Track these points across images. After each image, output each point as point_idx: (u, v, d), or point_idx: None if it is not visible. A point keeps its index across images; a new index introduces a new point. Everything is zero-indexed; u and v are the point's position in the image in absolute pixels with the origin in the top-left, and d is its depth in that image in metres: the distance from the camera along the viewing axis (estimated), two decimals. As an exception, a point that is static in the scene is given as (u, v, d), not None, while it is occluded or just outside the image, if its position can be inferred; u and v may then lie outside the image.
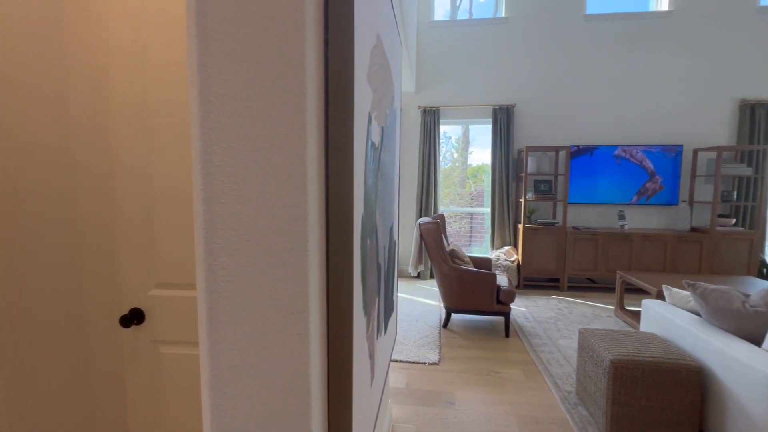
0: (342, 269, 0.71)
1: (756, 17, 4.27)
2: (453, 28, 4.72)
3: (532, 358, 2.64)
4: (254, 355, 0.59)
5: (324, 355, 0.70)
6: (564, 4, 4.52)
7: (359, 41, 0.73)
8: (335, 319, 0.71)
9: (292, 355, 0.61)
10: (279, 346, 0.60)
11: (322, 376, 0.69)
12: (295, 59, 0.57)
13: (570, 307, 3.75)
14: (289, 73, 0.57)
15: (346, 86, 0.68)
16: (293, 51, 0.57)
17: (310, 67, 0.59)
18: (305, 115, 0.58)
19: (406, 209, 4.98)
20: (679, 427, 1.75)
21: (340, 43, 0.67)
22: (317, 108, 0.64)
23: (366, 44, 0.82)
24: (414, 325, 3.24)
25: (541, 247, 4.37)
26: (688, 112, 4.44)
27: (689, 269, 4.17)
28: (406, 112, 4.88)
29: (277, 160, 0.58)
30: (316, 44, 0.62)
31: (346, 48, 0.67)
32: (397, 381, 2.34)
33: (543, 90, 4.64)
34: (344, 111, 0.68)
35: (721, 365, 1.66)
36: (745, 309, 1.74)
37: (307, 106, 0.58)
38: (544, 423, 1.94)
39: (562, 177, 4.57)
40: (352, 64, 0.67)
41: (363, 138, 0.81)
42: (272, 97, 0.57)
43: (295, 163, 0.58)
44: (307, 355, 0.62)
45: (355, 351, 0.76)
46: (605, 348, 1.89)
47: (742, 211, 4.32)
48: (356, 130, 0.73)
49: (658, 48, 4.43)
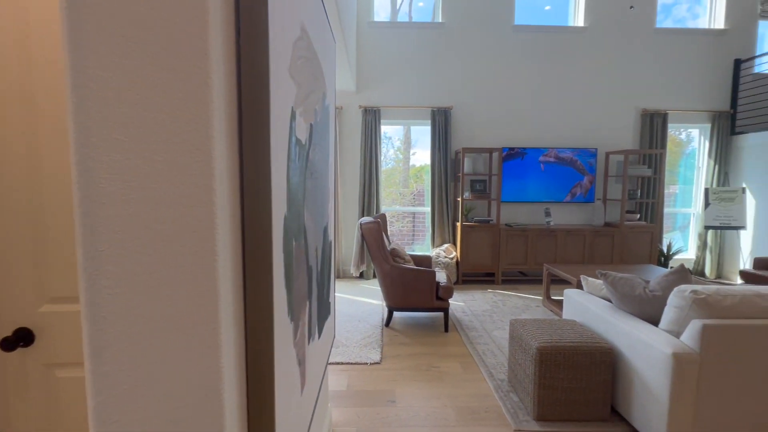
0: (260, 274, 0.66)
1: (654, 37, 4.87)
2: (393, 30, 4.78)
3: (470, 351, 2.76)
4: (150, 375, 0.53)
5: (241, 369, 0.65)
6: (494, 14, 4.79)
7: (276, 31, 0.69)
8: (254, 329, 0.66)
9: (199, 373, 0.55)
10: (183, 363, 0.54)
11: (239, 392, 0.64)
12: (197, 45, 0.51)
13: (504, 300, 3.98)
14: (190, 60, 0.51)
15: (261, 78, 0.63)
16: (194, 35, 0.51)
17: (216, 55, 0.54)
18: (210, 107, 0.53)
19: (349, 209, 4.95)
20: (594, 404, 1.93)
21: (253, 32, 0.62)
22: (227, 100, 0.58)
23: (287, 35, 0.77)
24: (356, 326, 3.22)
25: (477, 244, 4.59)
26: (602, 119, 4.95)
27: (603, 260, 4.65)
28: (347, 112, 4.84)
29: (177, 156, 0.52)
30: (224, 30, 0.57)
31: (259, 37, 0.63)
32: (337, 384, 2.31)
33: (478, 94, 4.88)
34: (259, 104, 0.64)
35: (628, 345, 1.86)
36: (646, 294, 1.96)
37: (211, 97, 0.53)
38: (479, 412, 2.03)
39: (496, 177, 4.84)
40: (266, 54, 0.63)
41: (284, 134, 0.76)
42: (169, 86, 0.51)
43: (198, 159, 0.53)
44: (218, 371, 0.56)
45: (278, 361, 0.72)
46: (532, 337, 2.02)
47: (644, 208, 4.91)
48: (274, 126, 0.68)
49: (576, 60, 4.87)
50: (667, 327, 1.77)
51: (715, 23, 4.97)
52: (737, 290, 1.70)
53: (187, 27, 0.51)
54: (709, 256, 4.99)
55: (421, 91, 4.85)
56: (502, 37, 4.82)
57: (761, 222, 4.63)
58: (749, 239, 4.78)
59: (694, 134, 5.25)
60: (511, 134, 4.93)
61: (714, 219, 4.67)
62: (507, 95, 4.88)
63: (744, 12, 4.89)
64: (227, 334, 0.58)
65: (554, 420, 1.94)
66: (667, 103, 4.95)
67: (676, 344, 1.63)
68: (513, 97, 4.89)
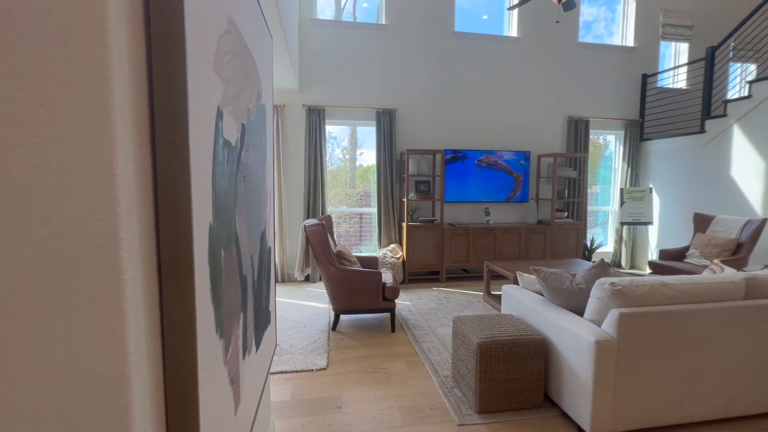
0: (179, 291, 0.59)
1: (577, 50, 5.34)
2: (337, 29, 4.72)
3: (416, 350, 2.80)
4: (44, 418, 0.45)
5: (159, 399, 0.58)
6: (436, 20, 4.93)
7: (196, 22, 0.62)
8: (173, 354, 0.60)
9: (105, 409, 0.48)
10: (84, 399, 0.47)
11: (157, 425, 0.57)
12: (91, 31, 0.45)
13: (448, 297, 4.12)
14: (83, 49, 0.44)
15: (177, 73, 0.57)
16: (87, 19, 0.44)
17: (118, 44, 0.47)
18: (109, 105, 0.46)
19: (293, 211, 4.80)
20: (530, 392, 2.05)
21: (166, 21, 0.56)
22: (134, 97, 0.52)
23: (210, 28, 0.71)
24: (302, 332, 3.13)
25: (422, 243, 4.69)
26: (534, 124, 5.32)
27: (537, 255, 5.00)
28: (290, 111, 4.70)
29: (67, 163, 0.44)
30: (129, 18, 0.50)
31: (174, 27, 0.56)
32: (281, 394, 2.22)
33: (421, 97, 4.99)
34: (176, 103, 0.58)
35: (557, 336, 2.00)
36: (573, 287, 2.13)
37: (112, 94, 0.46)
38: (425, 410, 2.06)
39: (439, 178, 4.99)
40: (183, 47, 0.57)
41: (208, 135, 0.70)
42: (55, 77, 0.44)
43: (96, 165, 0.46)
44: (127, 407, 0.49)
45: (204, 384, 0.66)
46: (473, 332, 2.10)
47: (571, 206, 5.37)
48: (195, 126, 0.62)
49: (511, 68, 5.18)
50: (591, 317, 1.93)
51: (627, 41, 5.57)
52: (647, 281, 1.91)
53: (79, 9, 0.44)
54: (624, 249, 5.58)
55: (366, 92, 4.84)
56: (443, 43, 4.98)
57: (665, 218, 5.28)
58: (656, 233, 5.42)
59: (611, 139, 5.84)
60: (453, 137, 5.11)
61: (628, 216, 5.24)
62: (449, 99, 5.05)
63: (649, 32, 5.54)
64: (139, 363, 0.51)
65: (495, 411, 2.04)
66: (588, 110, 5.45)
67: (598, 332, 1.78)
68: (454, 101, 5.07)
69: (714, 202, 4.56)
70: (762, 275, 2.02)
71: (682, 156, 4.98)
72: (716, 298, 1.91)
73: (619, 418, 1.80)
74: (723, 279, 1.96)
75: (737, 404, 1.93)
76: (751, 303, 1.89)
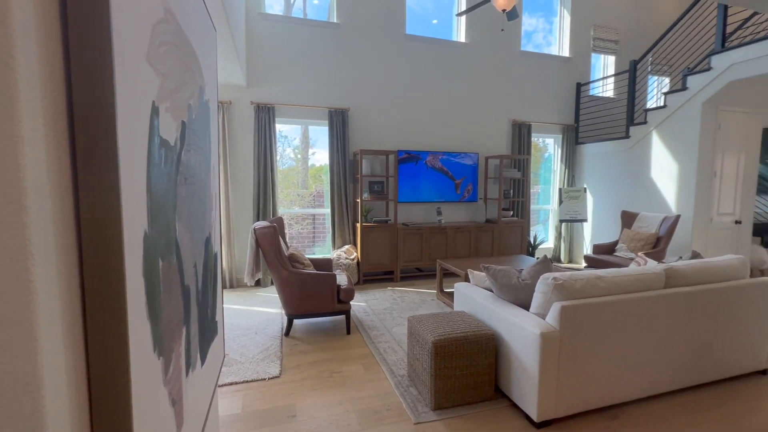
0: (108, 310, 0.53)
1: (519, 58, 5.65)
2: (287, 25, 4.58)
3: (371, 351, 2.80)
4: None
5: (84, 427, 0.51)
6: (387, 21, 4.96)
7: (126, 7, 0.56)
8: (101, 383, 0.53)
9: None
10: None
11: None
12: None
13: (402, 296, 4.16)
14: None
15: (102, 63, 0.51)
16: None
17: (23, 27, 0.40)
18: (13, 96, 0.39)
19: (242, 213, 4.58)
20: (482, 386, 2.13)
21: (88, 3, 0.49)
22: (47, 90, 0.45)
23: (143, 15, 0.64)
24: (253, 339, 2.99)
25: (377, 244, 4.70)
26: (482, 127, 5.55)
27: (486, 252, 5.22)
28: (238, 108, 4.47)
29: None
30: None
31: (97, 10, 0.50)
32: (231, 407, 2.10)
33: (374, 97, 4.99)
34: (100, 97, 0.51)
35: (506, 329, 2.10)
36: (519, 283, 2.24)
37: (15, 83, 0.39)
38: (381, 411, 2.06)
39: (393, 179, 5.03)
40: (108, 33, 0.51)
41: (142, 134, 0.63)
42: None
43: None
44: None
45: (139, 409, 0.59)
46: (428, 331, 2.14)
47: (516, 205, 5.67)
48: (125, 124, 0.56)
49: (460, 72, 5.36)
50: (536, 310, 2.05)
51: (563, 51, 6.00)
52: (584, 275, 2.06)
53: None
54: (563, 245, 6.01)
55: (317, 90, 4.75)
56: (395, 45, 5.02)
57: (597, 215, 5.76)
58: (590, 229, 5.90)
59: (550, 143, 6.26)
60: (406, 137, 5.17)
61: (566, 214, 5.64)
62: (402, 100, 5.11)
63: (582, 44, 6.01)
64: (56, 398, 0.45)
65: (449, 407, 2.08)
66: (530, 115, 5.80)
67: (543, 324, 1.89)
68: (407, 103, 5.14)
69: (638, 201, 5.06)
70: (678, 266, 2.27)
71: (611, 159, 5.47)
72: (642, 288, 2.11)
73: (563, 404, 1.92)
74: (647, 271, 2.17)
75: (661, 382, 2.14)
76: (670, 291, 2.11)
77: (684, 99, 4.40)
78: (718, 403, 2.13)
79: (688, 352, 2.18)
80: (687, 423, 1.96)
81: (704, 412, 2.05)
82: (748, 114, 4.46)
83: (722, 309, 2.24)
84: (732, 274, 2.35)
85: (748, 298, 2.29)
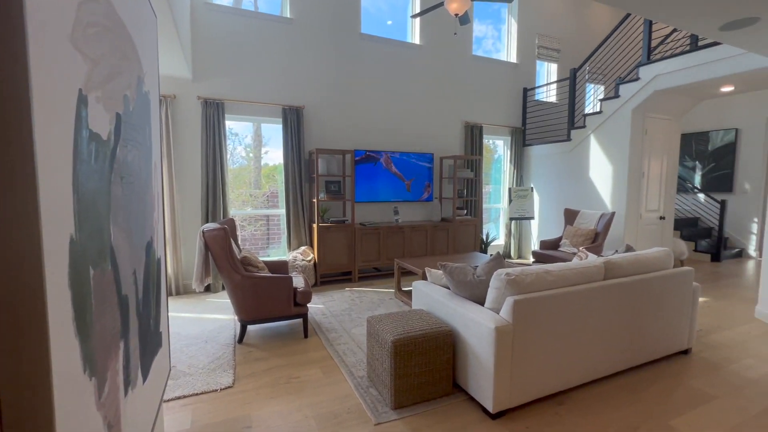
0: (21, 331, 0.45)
1: (471, 62, 5.85)
2: (236, 17, 4.36)
3: (330, 353, 2.74)
4: None
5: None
6: (342, 19, 4.91)
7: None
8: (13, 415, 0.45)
9: None
10: None
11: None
12: None
13: (361, 296, 4.14)
14: None
15: (11, 40, 0.43)
16: None
17: None
18: None
19: (190, 215, 4.31)
20: (440, 382, 2.17)
21: (-8, -30, 0.42)
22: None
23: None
24: (203, 348, 2.82)
25: (334, 244, 4.64)
26: (436, 128, 5.67)
27: (441, 251, 5.34)
28: (183, 102, 4.19)
29: None
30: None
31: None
32: (179, 423, 1.95)
33: (329, 96, 4.92)
34: (9, 81, 0.44)
35: (463, 325, 2.15)
36: (475, 279, 2.31)
37: None
38: (341, 414, 2.03)
39: (350, 178, 4.99)
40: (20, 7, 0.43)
41: (67, 125, 0.56)
42: None
43: None
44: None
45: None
46: (387, 331, 2.13)
47: (469, 204, 5.87)
48: (43, 113, 0.48)
49: (414, 73, 5.44)
50: (491, 305, 2.12)
51: (511, 57, 6.31)
52: (533, 270, 2.16)
53: None
54: (513, 242, 6.31)
55: (271, 87, 4.59)
56: (350, 43, 4.98)
57: (543, 213, 6.12)
58: (536, 226, 6.26)
59: (500, 144, 6.55)
60: (363, 137, 5.15)
61: (515, 212, 5.94)
62: (357, 100, 5.08)
63: (528, 52, 6.36)
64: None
65: (409, 405, 2.10)
66: (481, 117, 6.02)
67: (497, 319, 1.96)
68: (363, 103, 5.12)
69: (580, 199, 5.45)
70: (615, 259, 2.46)
71: (555, 160, 5.83)
72: (585, 281, 2.26)
73: (516, 394, 2.00)
74: (588, 264, 2.33)
75: (601, 366, 2.31)
76: (608, 282, 2.29)
77: (617, 105, 4.80)
78: (651, 381, 2.35)
79: (624, 337, 2.37)
80: (626, 402, 2.13)
81: (641, 391, 2.24)
82: (670, 121, 4.96)
83: (652, 297, 2.46)
84: (659, 265, 2.60)
85: (672, 286, 2.55)
